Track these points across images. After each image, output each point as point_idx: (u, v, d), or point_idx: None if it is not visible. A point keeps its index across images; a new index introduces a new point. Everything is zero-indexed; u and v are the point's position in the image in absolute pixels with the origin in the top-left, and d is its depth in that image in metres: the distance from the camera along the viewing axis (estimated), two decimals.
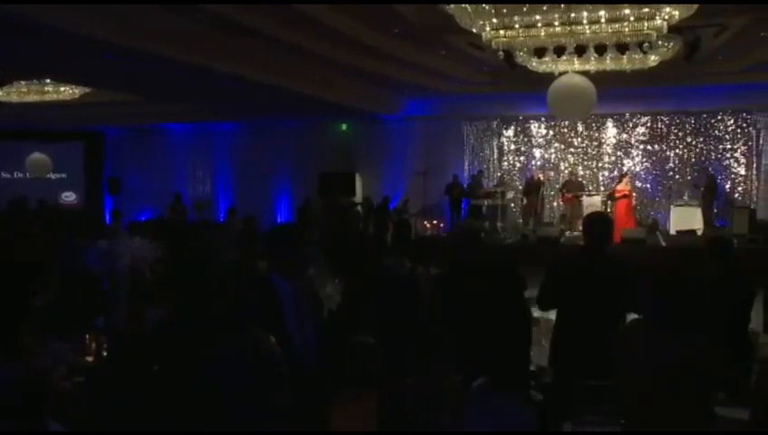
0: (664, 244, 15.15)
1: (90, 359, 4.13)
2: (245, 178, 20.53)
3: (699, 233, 15.47)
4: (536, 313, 6.02)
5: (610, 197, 16.14)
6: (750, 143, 17.40)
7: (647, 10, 9.59)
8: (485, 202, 17.23)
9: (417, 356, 3.70)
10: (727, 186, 17.38)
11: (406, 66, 14.40)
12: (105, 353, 4.12)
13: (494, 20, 10.10)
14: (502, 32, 10.34)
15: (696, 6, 9.27)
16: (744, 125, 17.43)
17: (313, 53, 12.34)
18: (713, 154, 17.59)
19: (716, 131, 17.61)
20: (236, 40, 11.39)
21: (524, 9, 9.83)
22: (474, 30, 10.37)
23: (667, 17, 9.60)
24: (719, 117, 17.51)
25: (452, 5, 9.66)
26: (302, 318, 3.65)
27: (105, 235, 5.62)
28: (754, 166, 17.35)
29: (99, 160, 22.56)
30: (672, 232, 16.31)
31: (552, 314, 4.83)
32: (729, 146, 17.57)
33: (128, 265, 4.52)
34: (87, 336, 4.23)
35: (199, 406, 2.64)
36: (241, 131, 20.90)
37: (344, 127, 20.13)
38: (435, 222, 18.03)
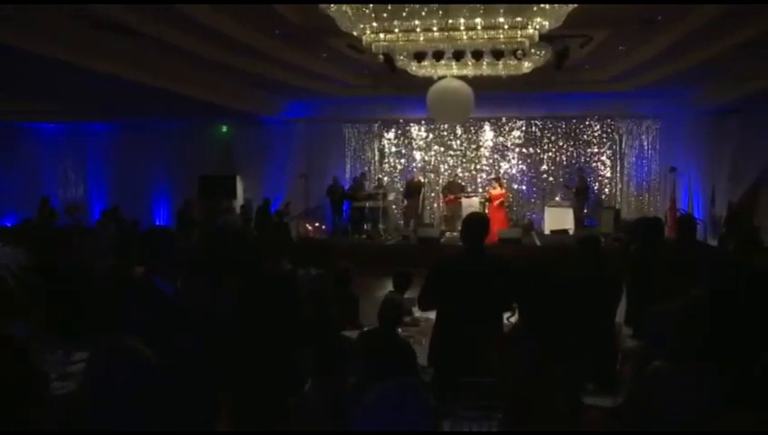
0: (539, 243, 15.79)
1: None
2: (121, 181, 19.71)
3: (571, 232, 16.25)
4: (417, 312, 6.14)
5: (488, 200, 16.63)
6: (614, 147, 18.50)
7: (519, 19, 9.97)
8: (367, 204, 17.37)
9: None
10: (595, 187, 18.36)
11: (287, 68, 14.30)
12: None
13: (374, 24, 10.21)
14: (382, 35, 10.46)
15: (563, 18, 9.72)
16: (609, 130, 18.50)
17: (192, 53, 12.02)
18: (582, 157, 18.54)
19: (585, 136, 18.59)
20: (112, 38, 10.91)
21: (404, 14, 9.98)
22: (354, 33, 10.43)
23: (537, 27, 10.02)
24: (587, 122, 18.49)
25: (333, 8, 9.67)
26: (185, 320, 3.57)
27: None
28: (618, 169, 18.44)
29: None
30: (546, 232, 17.04)
31: (433, 314, 4.92)
32: (596, 150, 18.59)
33: None
34: None
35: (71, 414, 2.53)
36: (116, 132, 20.07)
37: (224, 129, 19.76)
38: (317, 224, 18.03)
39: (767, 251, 6.90)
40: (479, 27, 10.22)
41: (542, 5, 9.50)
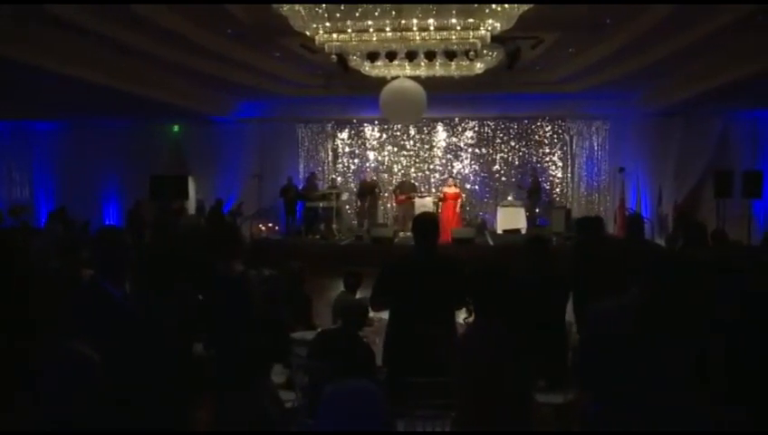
0: (492, 243, 15.95)
1: None
2: (69, 181, 19.21)
3: (524, 232, 16.45)
4: (371, 313, 6.14)
5: (441, 199, 16.72)
6: (565, 148, 18.77)
7: (472, 20, 10.07)
8: (320, 204, 17.32)
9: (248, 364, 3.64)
10: (547, 187, 18.61)
11: (239, 68, 14.18)
12: None
13: (327, 24, 10.19)
14: (335, 35, 10.46)
15: (515, 20, 9.85)
16: (560, 131, 18.77)
17: (144, 52, 11.84)
18: (534, 158, 18.77)
19: (537, 136, 18.83)
20: (61, 36, 10.67)
21: (357, 14, 9.99)
22: (307, 33, 10.40)
23: (489, 28, 10.13)
24: (539, 123, 18.73)
25: (285, 7, 9.62)
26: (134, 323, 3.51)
27: None
28: (569, 169, 18.72)
29: None
30: (499, 231, 17.22)
31: (386, 315, 4.93)
32: (548, 150, 18.85)
33: None
34: None
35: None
36: (63, 131, 19.57)
37: (176, 128, 19.45)
38: (270, 225, 17.92)
39: (713, 248, 7.08)
40: (432, 28, 10.30)
41: (493, 7, 9.61)
